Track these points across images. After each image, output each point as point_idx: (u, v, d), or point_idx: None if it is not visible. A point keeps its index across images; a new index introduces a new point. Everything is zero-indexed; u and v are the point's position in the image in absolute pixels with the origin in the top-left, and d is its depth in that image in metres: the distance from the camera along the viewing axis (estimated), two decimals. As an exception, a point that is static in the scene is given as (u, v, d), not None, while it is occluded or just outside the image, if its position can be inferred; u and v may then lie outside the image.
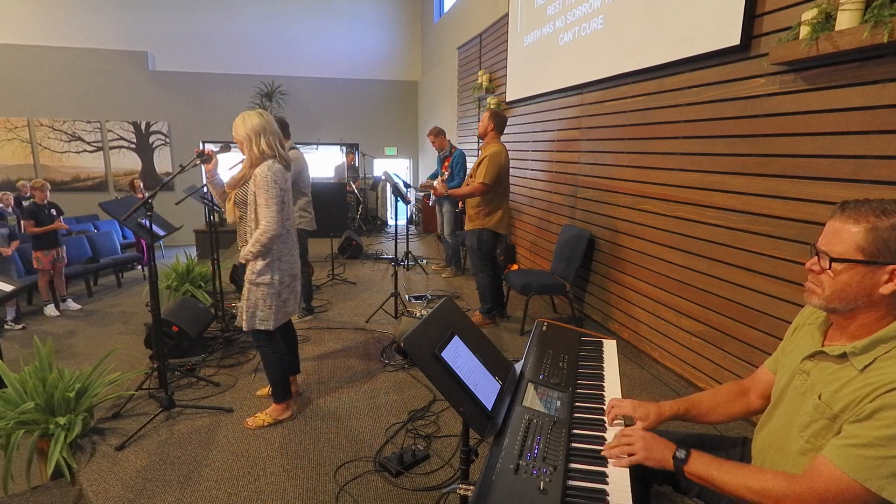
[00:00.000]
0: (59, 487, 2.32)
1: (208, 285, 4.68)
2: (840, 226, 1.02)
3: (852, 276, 1.00)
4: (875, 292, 0.99)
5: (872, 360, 0.99)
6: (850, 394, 0.99)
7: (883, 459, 0.91)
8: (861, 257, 0.99)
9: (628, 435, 1.21)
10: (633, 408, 1.35)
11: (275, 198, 2.39)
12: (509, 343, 3.81)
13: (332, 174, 10.55)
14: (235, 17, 10.61)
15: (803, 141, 2.30)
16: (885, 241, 0.96)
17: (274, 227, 2.40)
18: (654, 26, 3.21)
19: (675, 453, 1.15)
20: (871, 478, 0.92)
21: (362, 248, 7.13)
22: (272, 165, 2.41)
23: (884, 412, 0.92)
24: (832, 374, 1.05)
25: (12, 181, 8.26)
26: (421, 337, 1.24)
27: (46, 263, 5.39)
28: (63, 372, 2.66)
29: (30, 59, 9.57)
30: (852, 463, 0.94)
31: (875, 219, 0.98)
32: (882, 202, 1.00)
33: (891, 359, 0.97)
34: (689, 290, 3.05)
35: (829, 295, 1.04)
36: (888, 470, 0.91)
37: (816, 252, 1.06)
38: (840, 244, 1.01)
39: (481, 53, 6.85)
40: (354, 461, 2.36)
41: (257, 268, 2.48)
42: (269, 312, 2.52)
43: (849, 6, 1.92)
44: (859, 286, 1.00)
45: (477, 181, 3.81)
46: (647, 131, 3.40)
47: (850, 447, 0.95)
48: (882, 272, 0.98)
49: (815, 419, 1.05)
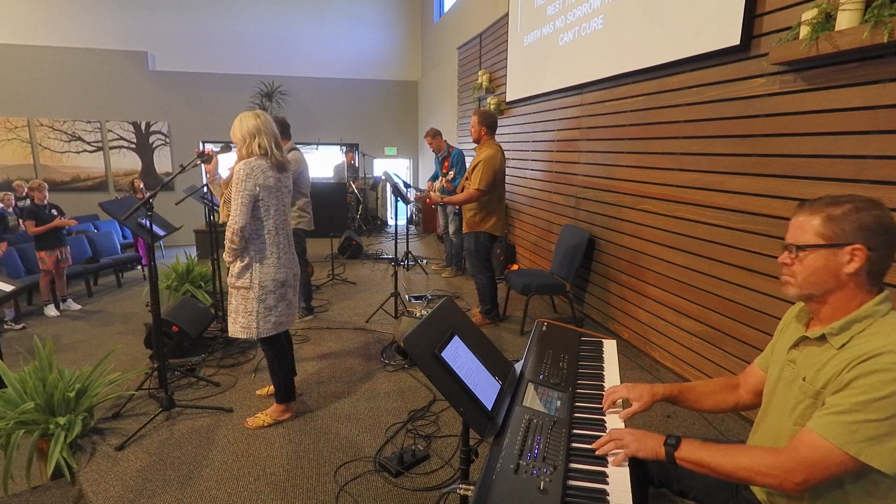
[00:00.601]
0: (59, 487, 2.32)
1: (208, 285, 4.68)
2: (801, 220, 1.14)
3: (818, 260, 1.10)
4: (841, 272, 1.08)
5: (849, 339, 1.07)
6: (830, 370, 1.06)
7: (859, 424, 0.97)
8: (822, 241, 1.09)
9: (617, 431, 1.25)
10: (627, 390, 1.41)
11: (244, 191, 2.32)
12: (509, 343, 3.81)
13: (331, 174, 10.55)
14: (235, 17, 10.61)
15: (803, 141, 2.30)
16: (840, 226, 1.07)
17: (237, 220, 2.33)
18: (654, 26, 3.21)
19: (667, 440, 1.19)
20: (849, 442, 0.97)
21: (362, 248, 7.13)
22: (251, 162, 2.35)
23: (860, 380, 0.99)
24: (814, 357, 1.13)
25: (11, 181, 8.26)
26: (421, 337, 1.24)
27: (50, 264, 5.38)
28: (63, 372, 2.65)
29: (30, 59, 9.56)
30: (831, 429, 1.00)
31: (829, 209, 1.09)
32: (834, 196, 1.12)
33: (866, 336, 1.05)
34: (689, 290, 3.05)
35: (801, 282, 1.13)
36: (864, 434, 0.96)
37: (786, 247, 1.17)
38: (804, 235, 1.12)
39: (481, 53, 6.85)
40: (354, 461, 2.36)
41: (235, 270, 2.44)
42: (250, 319, 2.45)
43: (849, 6, 1.92)
44: (826, 269, 1.09)
45: (472, 187, 3.81)
46: (647, 131, 3.40)
47: (829, 415, 1.02)
48: (843, 253, 1.07)
49: (801, 400, 1.12)
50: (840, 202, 1.08)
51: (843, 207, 1.07)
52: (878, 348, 0.99)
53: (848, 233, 1.06)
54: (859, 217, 1.05)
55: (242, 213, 2.34)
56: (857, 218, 1.05)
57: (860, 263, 1.05)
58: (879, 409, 0.95)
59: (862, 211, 1.05)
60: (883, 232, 1.05)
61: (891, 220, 1.05)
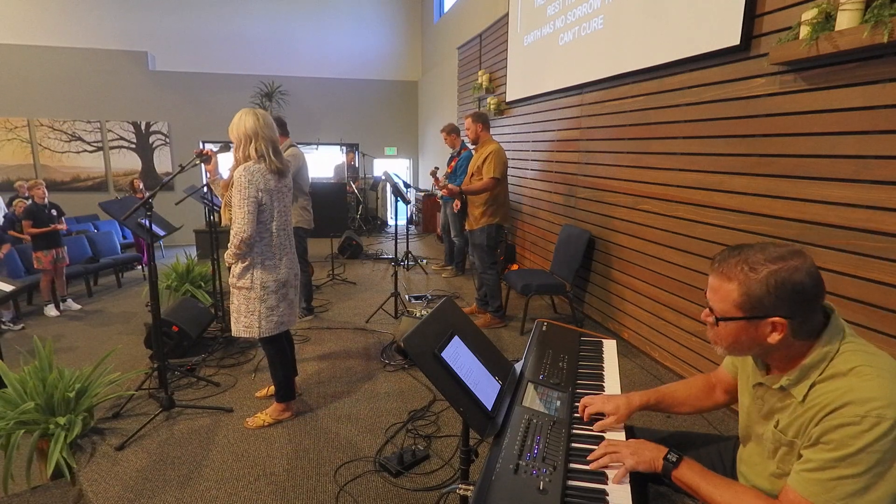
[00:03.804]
0: (59, 487, 2.32)
1: (208, 285, 4.67)
2: (717, 283, 1.06)
3: (739, 331, 1.04)
4: (765, 342, 1.03)
5: (809, 388, 1.02)
6: (797, 420, 1.03)
7: (836, 481, 0.94)
8: (741, 314, 1.03)
9: (613, 444, 1.21)
10: (602, 402, 1.37)
11: (248, 198, 2.32)
12: (509, 343, 3.81)
13: (332, 174, 10.55)
14: (235, 17, 10.61)
15: (803, 141, 2.30)
16: (758, 298, 1.00)
17: (244, 228, 2.33)
18: (654, 26, 3.21)
19: (668, 455, 1.16)
20: (829, 500, 0.95)
21: (362, 248, 7.14)
22: (250, 167, 2.35)
23: (828, 435, 0.96)
24: (780, 402, 1.09)
25: (12, 182, 8.25)
26: (421, 337, 1.24)
27: (47, 263, 5.38)
28: (63, 372, 2.65)
29: (30, 59, 9.56)
30: (810, 487, 0.98)
31: (744, 276, 1.01)
32: (749, 253, 1.03)
33: (825, 380, 1.00)
34: (689, 290, 3.05)
35: (728, 346, 1.09)
36: (843, 490, 0.94)
37: (708, 306, 1.10)
38: (721, 302, 1.05)
39: (481, 53, 6.85)
40: (354, 461, 2.36)
41: (236, 271, 2.45)
42: (252, 319, 2.46)
43: (849, 6, 1.92)
44: (749, 338, 1.04)
45: (487, 176, 3.91)
46: (647, 131, 3.40)
47: (805, 472, 0.99)
48: (765, 324, 1.02)
49: (777, 446, 1.09)
50: (756, 267, 1.00)
51: (759, 274, 1.00)
52: (841, 399, 0.95)
53: (767, 306, 1.00)
54: (777, 285, 0.98)
55: (250, 221, 2.34)
56: (775, 287, 0.98)
57: (782, 334, 1.01)
58: (853, 464, 0.93)
59: (779, 277, 0.98)
60: (801, 299, 0.99)
61: (809, 281, 0.99)
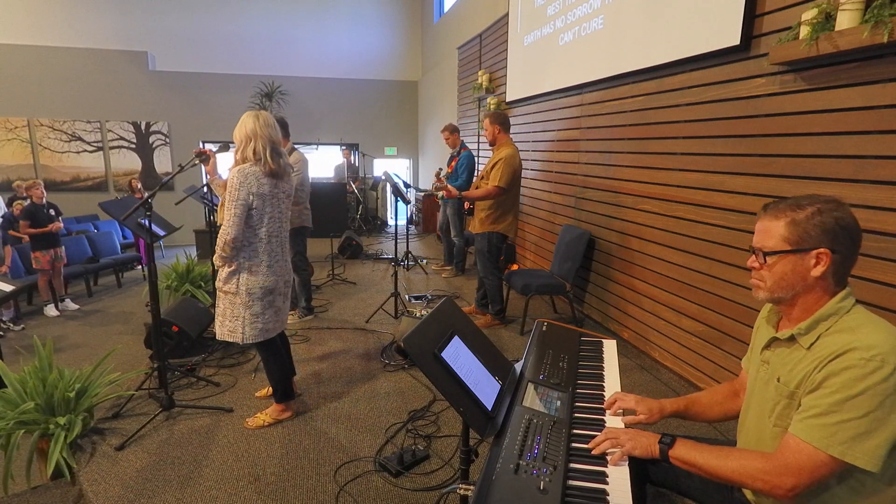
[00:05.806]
0: (59, 487, 2.32)
1: (208, 285, 4.67)
2: (766, 224, 1.14)
3: (786, 266, 1.11)
4: (808, 276, 1.09)
5: (816, 338, 1.08)
6: (802, 370, 1.08)
7: (838, 425, 0.97)
8: (788, 247, 1.10)
9: (612, 431, 1.26)
10: (636, 402, 1.40)
11: (237, 200, 2.30)
12: (509, 343, 3.81)
13: (332, 174, 10.54)
14: (235, 17, 10.61)
15: (803, 141, 2.30)
16: (805, 230, 1.08)
17: (230, 231, 2.31)
18: (654, 26, 3.21)
19: (662, 438, 1.20)
20: (831, 444, 0.98)
21: (362, 248, 7.13)
22: (245, 169, 2.33)
23: (831, 379, 1.00)
24: (786, 358, 1.14)
25: (11, 182, 8.26)
26: (421, 337, 1.24)
27: (45, 263, 5.39)
28: (63, 372, 2.65)
29: (30, 59, 9.56)
30: (812, 432, 1.00)
31: (792, 213, 1.10)
32: (797, 198, 1.13)
33: (832, 333, 1.06)
34: (689, 290, 3.05)
35: (771, 286, 1.14)
36: (846, 434, 0.96)
37: (753, 251, 1.17)
38: (769, 240, 1.13)
39: (481, 53, 6.85)
40: (354, 461, 2.36)
41: (223, 275, 2.44)
42: (237, 324, 2.44)
43: (849, 6, 1.92)
44: (794, 273, 1.11)
45: (492, 184, 3.76)
46: (647, 131, 3.40)
47: (808, 418, 1.03)
48: (809, 257, 1.08)
49: (777, 401, 1.13)
50: (803, 205, 1.10)
51: (806, 211, 1.08)
52: (845, 345, 1.00)
53: (812, 237, 1.07)
54: (822, 220, 1.06)
55: (235, 224, 2.31)
56: (821, 221, 1.06)
57: (826, 266, 1.07)
58: (855, 407, 0.96)
59: (824, 213, 1.07)
60: (845, 234, 1.06)
61: (852, 221, 1.07)
